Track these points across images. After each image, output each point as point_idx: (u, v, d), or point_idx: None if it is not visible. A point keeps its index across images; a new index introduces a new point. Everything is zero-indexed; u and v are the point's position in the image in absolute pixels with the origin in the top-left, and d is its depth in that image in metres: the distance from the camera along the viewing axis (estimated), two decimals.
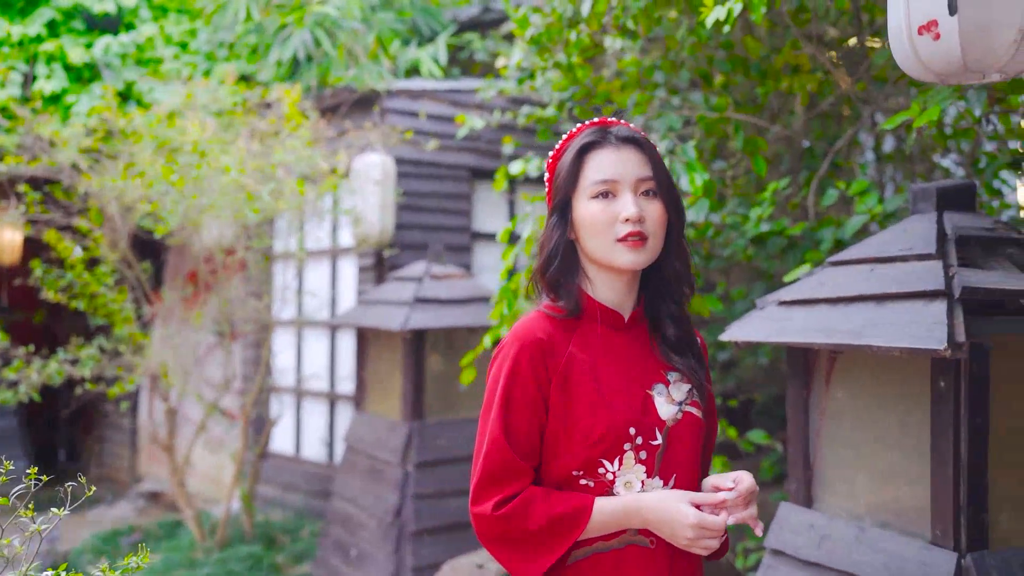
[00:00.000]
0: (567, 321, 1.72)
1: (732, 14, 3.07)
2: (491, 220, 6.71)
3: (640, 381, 1.71)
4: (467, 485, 5.13)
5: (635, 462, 1.65)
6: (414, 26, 7.30)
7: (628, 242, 1.65)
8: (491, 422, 1.66)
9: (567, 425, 1.65)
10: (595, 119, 1.78)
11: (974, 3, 1.52)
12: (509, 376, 1.65)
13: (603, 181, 1.68)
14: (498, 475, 1.64)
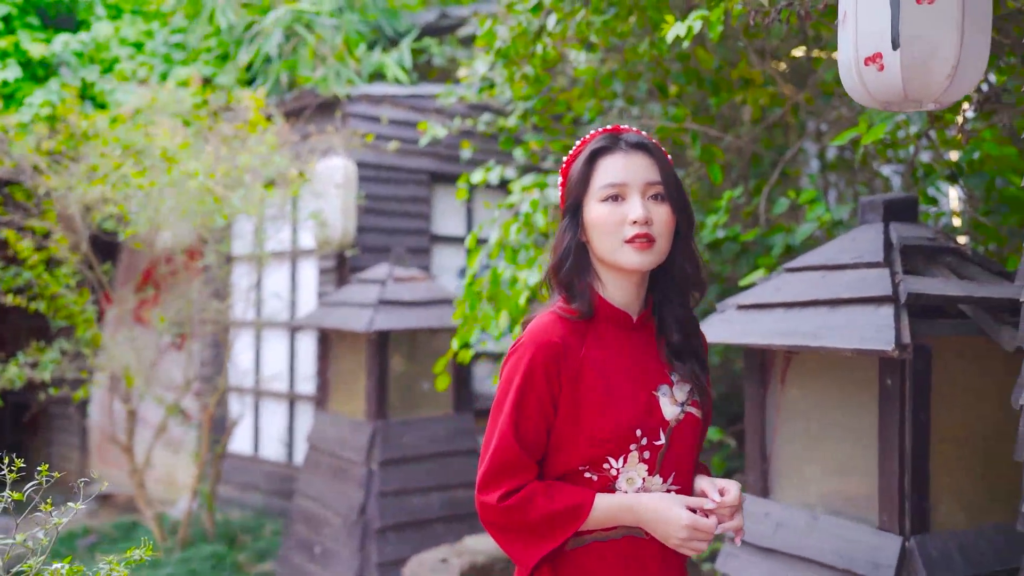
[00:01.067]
0: (580, 322, 1.78)
1: (692, 31, 3.24)
2: (449, 223, 6.85)
3: (646, 382, 1.78)
4: (429, 483, 5.28)
5: (638, 461, 1.73)
6: (377, 28, 7.40)
7: (635, 243, 1.72)
8: (502, 419, 1.73)
9: (576, 424, 1.72)
10: (607, 127, 1.84)
11: (914, 40, 1.69)
12: (523, 377, 1.71)
13: (612, 184, 1.74)
14: (505, 469, 1.72)
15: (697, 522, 1.69)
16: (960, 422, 2.53)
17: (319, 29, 6.62)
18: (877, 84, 1.73)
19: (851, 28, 1.76)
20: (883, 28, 1.69)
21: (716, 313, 3.06)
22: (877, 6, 1.70)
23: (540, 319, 1.79)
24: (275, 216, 5.92)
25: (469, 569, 4.57)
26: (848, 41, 1.78)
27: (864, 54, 1.74)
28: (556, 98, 5.09)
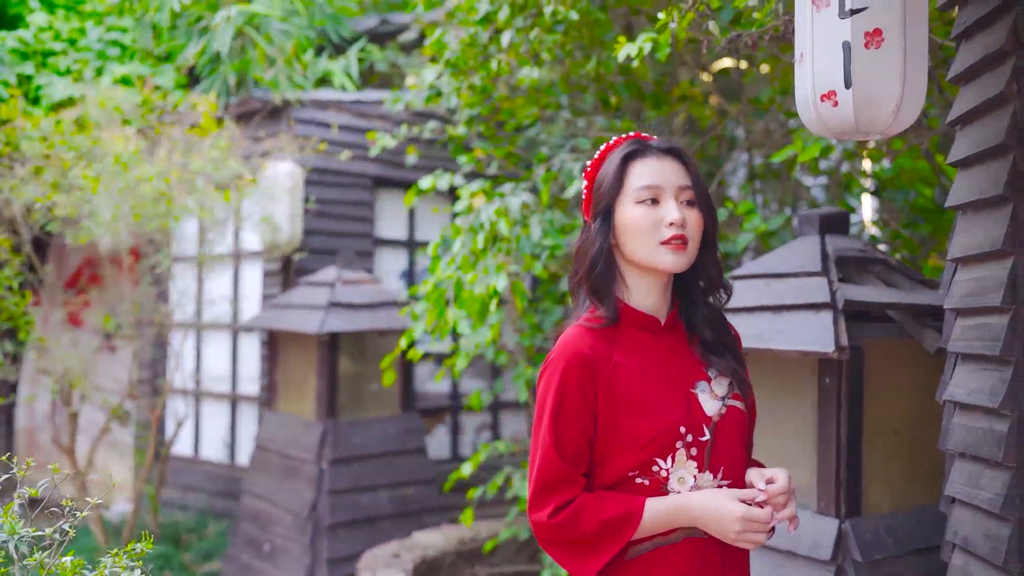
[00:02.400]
0: (607, 330, 1.77)
1: (642, 52, 3.47)
2: (392, 227, 6.98)
3: (683, 380, 1.78)
4: (379, 480, 5.40)
5: (687, 459, 1.71)
6: (323, 34, 7.48)
7: (672, 245, 1.73)
8: (542, 436, 1.73)
9: (618, 432, 1.71)
10: (630, 133, 1.86)
11: (864, 80, 1.93)
12: (557, 392, 1.72)
13: (647, 187, 1.75)
14: (551, 485, 1.72)
15: (750, 513, 1.68)
16: (888, 416, 2.81)
17: (270, 32, 6.68)
18: (832, 118, 1.96)
19: (808, 67, 1.99)
20: (837, 69, 1.92)
21: None
22: (831, 49, 1.93)
23: (567, 333, 1.79)
24: (224, 219, 5.97)
25: (420, 563, 4.74)
26: (805, 79, 2.01)
27: (820, 91, 1.96)
28: (501, 107, 5.29)
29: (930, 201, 4.87)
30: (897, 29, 1.90)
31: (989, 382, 2.06)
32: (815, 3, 1.97)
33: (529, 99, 5.09)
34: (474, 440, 7.18)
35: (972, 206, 2.19)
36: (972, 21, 2.17)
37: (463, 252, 4.28)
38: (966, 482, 2.18)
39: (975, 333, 2.14)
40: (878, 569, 2.62)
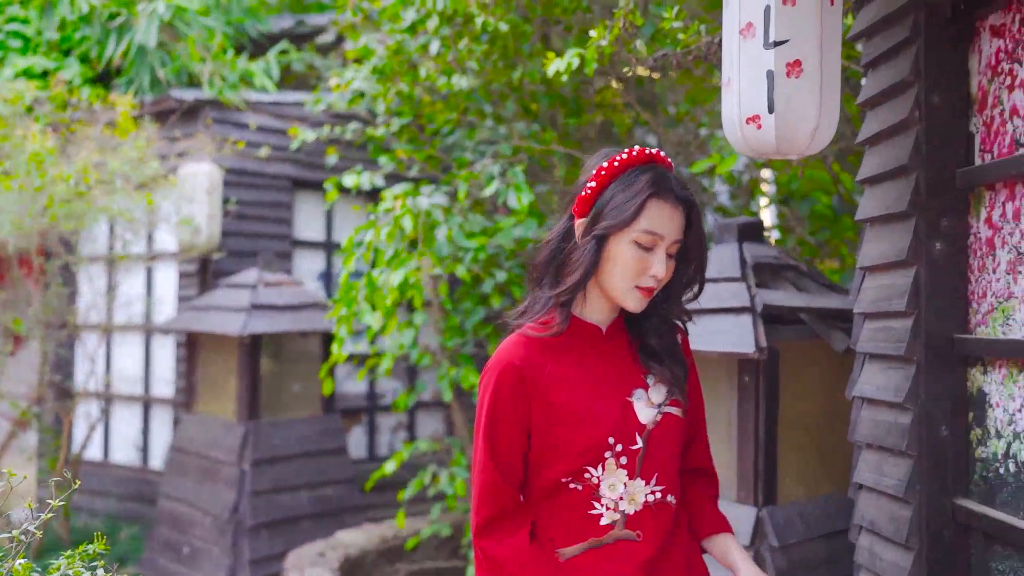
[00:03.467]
0: (547, 339, 1.77)
1: (571, 66, 3.63)
2: (310, 229, 6.99)
3: (620, 389, 1.78)
4: (300, 481, 5.44)
5: (616, 467, 1.73)
6: (243, 31, 7.42)
7: (643, 291, 1.73)
8: (479, 445, 1.77)
9: (552, 441, 1.73)
10: (652, 150, 1.80)
11: (785, 105, 2.11)
12: (491, 403, 1.74)
13: (651, 233, 1.70)
14: (484, 492, 1.76)
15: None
16: (801, 412, 3.03)
17: (196, 28, 6.61)
18: (756, 140, 2.14)
19: (735, 92, 2.16)
20: (761, 95, 2.10)
21: None
22: (756, 77, 2.11)
23: (505, 341, 1.79)
24: (143, 220, 5.90)
25: (344, 561, 4.80)
26: (732, 103, 2.18)
27: (746, 115, 2.14)
28: (423, 112, 5.39)
29: (828, 208, 5.18)
30: (815, 60, 2.09)
31: (894, 379, 2.28)
32: (742, 33, 2.15)
33: (449, 104, 5.21)
34: (390, 440, 7.24)
35: (879, 220, 2.41)
36: (879, 53, 2.38)
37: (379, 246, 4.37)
38: (872, 470, 2.40)
39: (881, 335, 2.35)
40: (792, 552, 2.83)
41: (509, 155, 4.71)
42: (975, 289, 2.16)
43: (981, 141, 2.15)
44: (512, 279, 4.82)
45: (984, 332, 2.12)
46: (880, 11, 2.30)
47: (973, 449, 2.15)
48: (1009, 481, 2.01)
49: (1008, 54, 2.04)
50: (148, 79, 6.66)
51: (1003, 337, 2.03)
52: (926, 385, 2.18)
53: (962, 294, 2.19)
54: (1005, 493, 2.02)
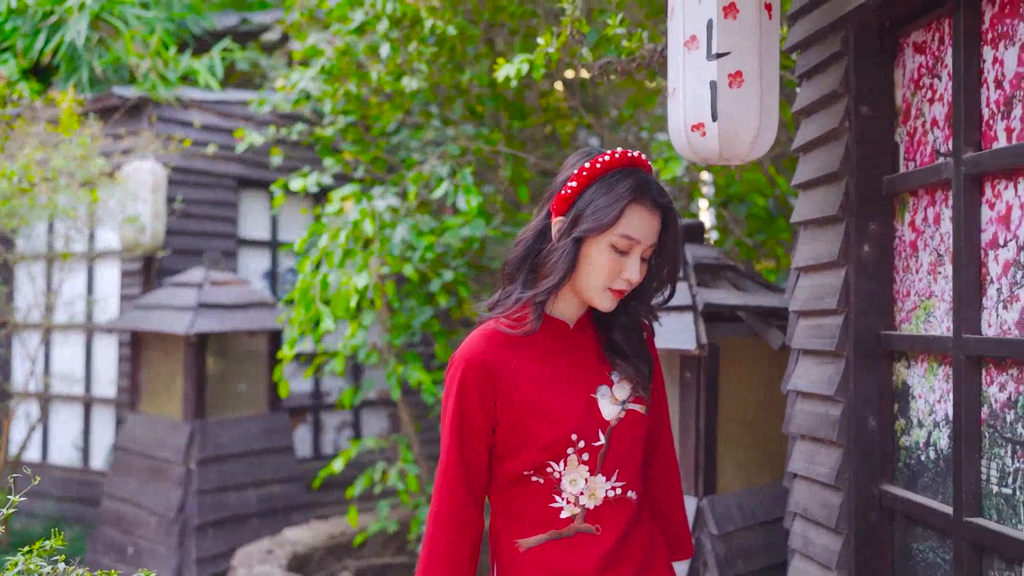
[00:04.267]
0: (513, 335, 1.77)
1: (520, 72, 3.73)
2: (255, 228, 6.98)
3: (584, 385, 1.79)
4: (247, 479, 5.45)
5: (578, 463, 1.74)
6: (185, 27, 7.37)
7: (615, 293, 1.75)
8: (444, 436, 1.78)
9: (516, 435, 1.75)
10: (633, 153, 1.78)
11: (728, 115, 2.23)
12: (457, 393, 1.75)
13: (628, 237, 1.71)
14: (447, 481, 1.77)
15: None
16: (739, 406, 3.17)
17: (132, 22, 6.55)
18: (700, 146, 2.26)
19: (680, 101, 2.28)
20: (705, 104, 2.22)
21: None
22: (699, 86, 2.23)
23: (473, 333, 1.81)
24: (86, 217, 5.84)
25: (292, 558, 4.83)
26: (678, 111, 2.30)
27: (691, 123, 2.25)
28: (370, 112, 5.44)
29: (764, 211, 5.36)
30: (755, 71, 2.21)
31: (826, 374, 2.42)
32: (686, 45, 2.26)
33: (395, 104, 5.26)
34: (335, 439, 7.27)
35: (812, 223, 2.55)
36: (812, 65, 2.52)
37: (332, 249, 4.42)
38: (805, 460, 2.53)
39: (814, 332, 2.49)
40: (730, 540, 2.97)
41: (457, 155, 4.79)
42: (900, 288, 2.31)
43: (905, 150, 2.29)
44: (459, 278, 4.90)
45: (908, 329, 2.27)
46: (813, 25, 2.44)
47: (898, 438, 2.30)
48: (929, 467, 2.15)
49: (929, 69, 2.19)
50: (87, 75, 6.59)
51: (924, 333, 2.18)
52: (855, 379, 2.32)
53: (888, 293, 2.34)
54: (926, 478, 2.17)
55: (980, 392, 1.96)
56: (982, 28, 1.98)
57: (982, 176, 1.97)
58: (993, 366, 1.92)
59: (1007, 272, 1.89)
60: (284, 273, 7.09)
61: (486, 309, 1.85)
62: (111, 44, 6.44)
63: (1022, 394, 1.83)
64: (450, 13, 4.37)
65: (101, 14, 6.35)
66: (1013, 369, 1.86)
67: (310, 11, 5.31)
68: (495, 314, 1.81)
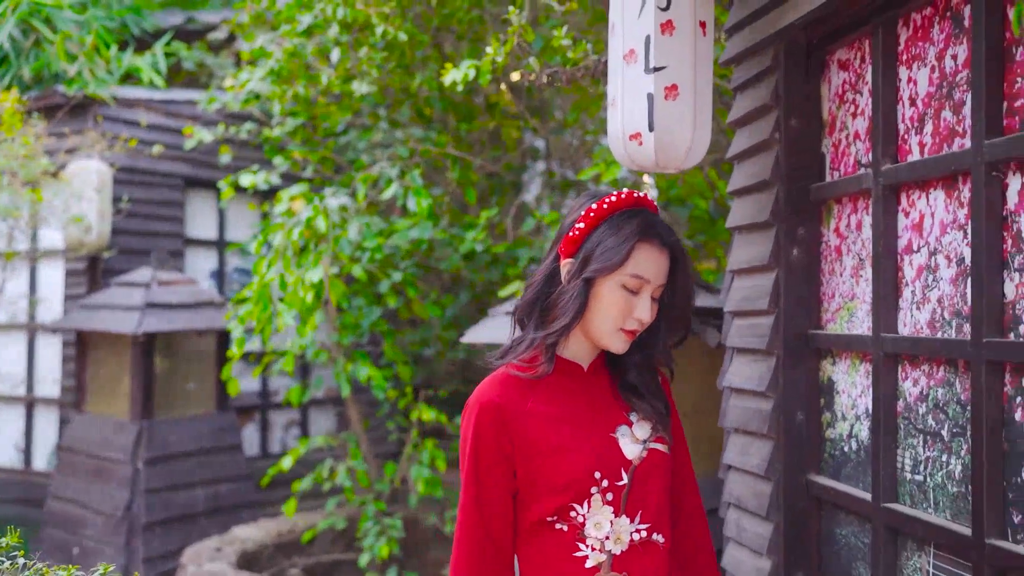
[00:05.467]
0: (527, 379, 1.75)
1: (467, 77, 3.82)
2: (203, 227, 6.97)
3: (603, 425, 1.75)
4: (195, 478, 5.48)
5: (602, 503, 1.69)
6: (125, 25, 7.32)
7: (628, 334, 1.73)
8: (465, 489, 1.73)
9: (535, 479, 1.70)
10: (640, 194, 1.78)
11: (664, 126, 2.35)
12: (474, 439, 1.72)
13: (639, 277, 1.70)
14: (467, 537, 1.72)
15: None
16: (678, 401, 3.29)
17: (62, 24, 6.48)
18: (638, 155, 2.38)
19: (619, 112, 2.40)
20: (642, 115, 2.34)
21: (488, 318, 3.65)
22: (637, 98, 2.35)
23: (485, 379, 1.78)
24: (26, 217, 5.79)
25: (241, 556, 4.87)
26: (617, 121, 2.41)
27: (629, 132, 2.37)
28: (318, 113, 5.50)
29: (705, 213, 5.53)
30: (689, 85, 2.34)
31: (758, 371, 2.56)
32: (626, 59, 2.38)
33: (343, 106, 5.33)
34: (283, 437, 7.29)
35: (746, 228, 2.69)
36: (746, 78, 2.66)
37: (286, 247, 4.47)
38: (739, 452, 2.67)
39: (747, 331, 2.63)
40: None
41: (405, 157, 4.87)
42: (826, 290, 2.46)
43: (831, 160, 2.44)
44: (407, 279, 4.98)
45: (833, 328, 2.41)
46: (746, 41, 2.57)
47: (824, 431, 2.45)
48: (852, 458, 2.30)
49: (852, 85, 2.34)
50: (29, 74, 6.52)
51: (848, 332, 2.33)
52: (785, 375, 2.47)
53: (815, 295, 2.49)
54: (848, 468, 2.32)
55: (896, 387, 2.11)
56: (898, 49, 2.14)
57: (898, 187, 2.12)
58: (908, 363, 2.07)
59: (920, 276, 2.04)
60: (231, 273, 7.10)
61: (497, 357, 1.81)
62: (46, 46, 6.37)
63: (933, 388, 1.98)
64: (400, 19, 4.45)
65: (29, 17, 6.29)
66: (925, 365, 2.01)
67: (259, 13, 5.34)
68: (506, 361, 1.78)
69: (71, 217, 5.67)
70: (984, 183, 1.79)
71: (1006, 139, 1.74)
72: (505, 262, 5.04)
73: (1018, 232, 1.74)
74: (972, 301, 1.81)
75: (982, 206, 1.79)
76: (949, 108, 1.96)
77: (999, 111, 1.79)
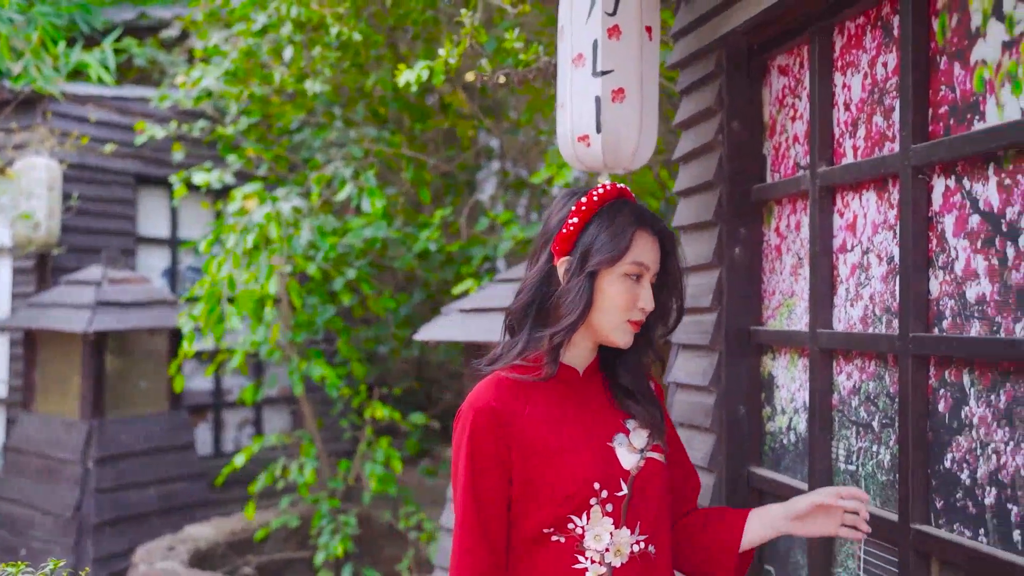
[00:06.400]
0: (523, 383, 1.71)
1: (420, 78, 3.86)
2: (155, 225, 6.92)
3: (600, 434, 1.71)
4: (147, 477, 5.46)
5: (602, 515, 1.65)
6: (72, 23, 7.23)
7: (633, 325, 1.72)
8: (459, 498, 1.67)
9: (532, 488, 1.65)
10: (621, 185, 1.78)
11: (611, 128, 2.42)
12: (469, 446, 1.66)
13: (640, 264, 1.70)
14: (465, 547, 1.66)
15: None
16: None
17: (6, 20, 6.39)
18: (586, 156, 2.44)
19: (568, 114, 2.46)
20: (590, 117, 2.40)
21: (441, 316, 3.70)
22: (585, 101, 2.41)
23: (479, 384, 1.73)
24: None
25: (194, 554, 4.86)
26: (566, 123, 2.48)
27: (577, 134, 2.44)
28: (272, 111, 5.50)
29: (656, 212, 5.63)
30: (635, 88, 2.41)
31: (701, 366, 2.64)
32: (574, 63, 2.45)
33: (297, 105, 5.34)
34: (237, 436, 7.27)
35: (691, 227, 2.76)
36: (691, 82, 2.74)
37: (236, 250, 4.48)
38: (685, 445, 2.75)
39: (692, 328, 2.71)
40: None
41: (359, 157, 4.90)
42: (767, 288, 2.54)
43: (771, 162, 2.53)
44: (362, 276, 5.01)
45: (774, 324, 2.50)
46: (691, 47, 2.65)
47: (764, 424, 2.53)
48: (790, 449, 2.39)
49: (791, 90, 2.42)
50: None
51: (787, 328, 2.41)
52: (727, 370, 2.54)
53: (756, 292, 2.57)
54: (787, 460, 2.40)
55: (831, 381, 2.20)
56: (834, 56, 2.22)
57: (834, 188, 2.21)
58: (842, 357, 2.16)
59: (854, 274, 2.13)
60: (184, 271, 7.05)
61: (486, 364, 1.76)
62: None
63: (865, 382, 2.07)
64: (353, 20, 4.47)
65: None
66: (858, 360, 2.10)
67: (213, 12, 5.33)
68: (497, 367, 1.73)
69: (19, 214, 5.61)
70: (911, 185, 1.87)
71: (931, 144, 1.82)
72: (459, 261, 5.09)
73: (942, 232, 1.83)
74: (900, 298, 1.90)
75: (909, 207, 1.87)
76: (880, 113, 2.05)
77: (925, 117, 1.88)
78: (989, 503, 1.67)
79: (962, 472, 1.75)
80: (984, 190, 1.72)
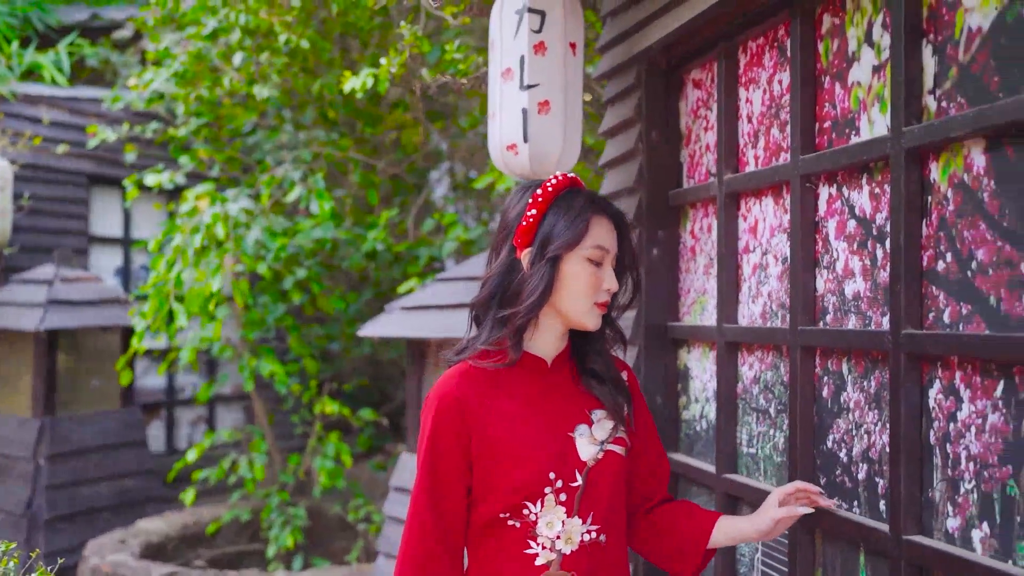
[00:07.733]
0: (490, 371, 1.75)
1: (365, 85, 4.01)
2: (107, 225, 6.98)
3: (562, 424, 1.76)
4: (100, 473, 5.54)
5: (555, 504, 1.69)
6: (27, 22, 7.25)
7: (600, 307, 1.77)
8: (418, 478, 1.73)
9: (491, 475, 1.70)
10: (572, 175, 1.82)
11: (537, 138, 2.59)
12: (431, 432, 1.71)
13: (601, 247, 1.74)
14: (415, 535, 1.72)
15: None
16: None
17: None
18: (514, 164, 2.61)
19: (497, 124, 2.63)
20: (518, 127, 2.57)
21: (385, 313, 3.85)
22: (513, 112, 2.58)
23: (446, 372, 1.77)
24: None
25: (145, 547, 4.96)
26: (495, 132, 2.64)
27: (506, 143, 2.61)
28: (223, 114, 5.60)
29: None
30: (560, 101, 2.58)
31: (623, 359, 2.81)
32: (503, 76, 2.62)
33: (249, 107, 5.45)
34: (190, 434, 7.34)
35: None
36: (614, 94, 2.92)
37: (186, 249, 4.59)
38: None
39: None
40: None
41: (309, 160, 5.03)
42: (683, 286, 2.73)
43: (687, 169, 2.72)
44: (312, 275, 5.14)
45: (688, 320, 2.69)
46: (613, 60, 2.83)
47: (680, 413, 2.72)
48: (702, 436, 2.58)
49: (704, 103, 2.61)
50: None
51: (700, 324, 2.60)
52: (646, 363, 2.73)
53: (674, 290, 2.76)
54: (699, 445, 2.59)
55: (736, 371, 2.39)
56: (739, 72, 2.42)
57: (738, 194, 2.40)
58: (744, 349, 2.35)
59: (755, 273, 2.32)
60: (137, 270, 7.12)
61: (455, 353, 1.81)
62: None
63: (764, 372, 2.26)
64: (302, 27, 4.60)
65: None
66: (758, 352, 2.29)
67: (165, 16, 5.42)
68: (463, 357, 1.78)
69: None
70: (800, 192, 2.07)
71: (817, 155, 2.02)
72: (406, 260, 5.24)
73: (826, 235, 2.02)
74: (790, 294, 2.09)
75: (798, 212, 2.07)
76: (776, 126, 2.24)
77: (812, 130, 2.07)
78: (861, 478, 1.87)
79: (841, 451, 1.95)
80: (859, 197, 1.91)
